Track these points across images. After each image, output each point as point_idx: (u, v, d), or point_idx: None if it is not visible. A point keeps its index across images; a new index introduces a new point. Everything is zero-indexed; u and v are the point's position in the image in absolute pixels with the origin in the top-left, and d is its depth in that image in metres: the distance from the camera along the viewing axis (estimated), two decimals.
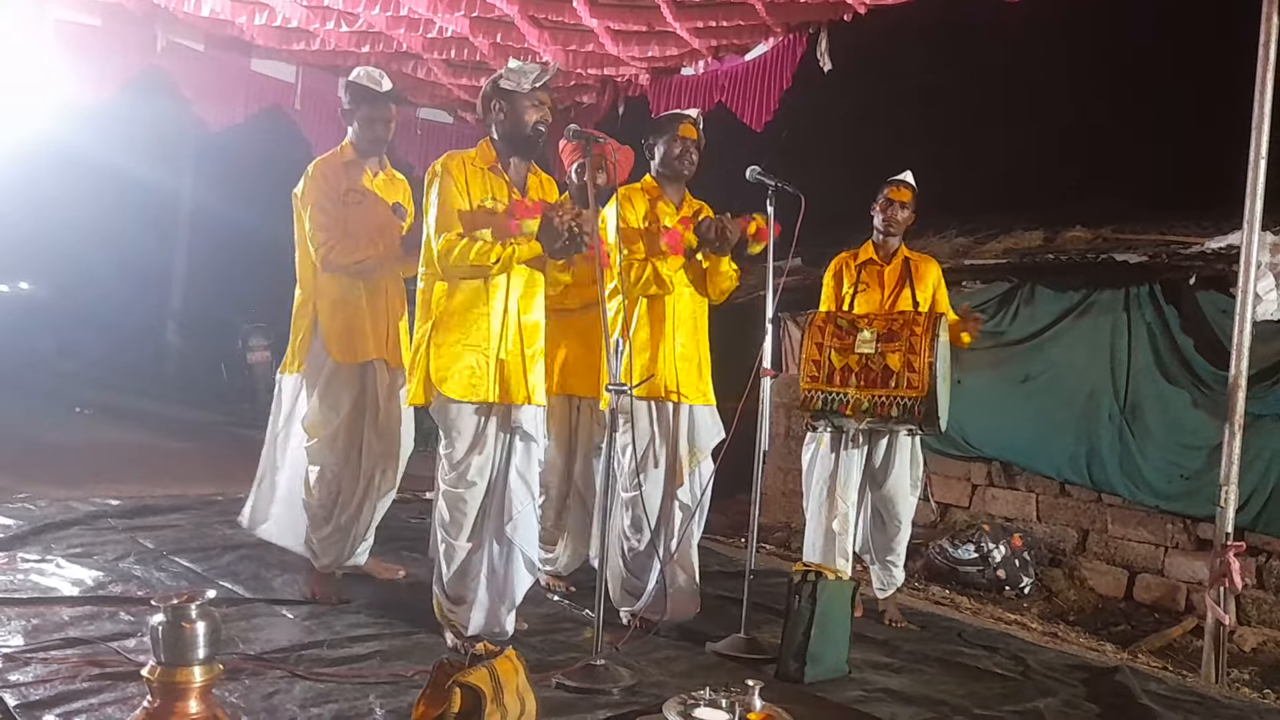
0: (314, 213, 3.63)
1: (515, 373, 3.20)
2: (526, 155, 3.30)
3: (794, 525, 6.36)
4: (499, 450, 3.22)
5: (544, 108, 3.21)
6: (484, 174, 3.23)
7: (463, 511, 3.18)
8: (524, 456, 3.23)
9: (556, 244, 3.07)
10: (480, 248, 3.06)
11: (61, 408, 10.04)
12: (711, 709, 2.65)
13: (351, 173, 3.72)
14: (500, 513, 3.20)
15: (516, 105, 3.18)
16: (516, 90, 3.17)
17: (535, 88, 3.16)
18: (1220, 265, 4.97)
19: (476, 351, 3.15)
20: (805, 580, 3.26)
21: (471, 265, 3.07)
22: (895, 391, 3.65)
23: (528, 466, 3.24)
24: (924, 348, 3.61)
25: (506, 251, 3.08)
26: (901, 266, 4.04)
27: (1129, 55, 7.23)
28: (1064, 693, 3.33)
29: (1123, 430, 5.34)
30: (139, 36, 5.01)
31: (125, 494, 5.33)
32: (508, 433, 3.22)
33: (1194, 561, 5.11)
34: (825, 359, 3.80)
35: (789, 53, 4.74)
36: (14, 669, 2.70)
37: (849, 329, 3.79)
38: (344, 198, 3.66)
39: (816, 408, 3.82)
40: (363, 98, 3.68)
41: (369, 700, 2.68)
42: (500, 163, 3.26)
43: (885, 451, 3.94)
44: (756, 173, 3.58)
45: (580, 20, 4.74)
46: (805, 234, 3.56)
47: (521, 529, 3.21)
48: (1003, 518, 5.92)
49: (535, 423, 3.26)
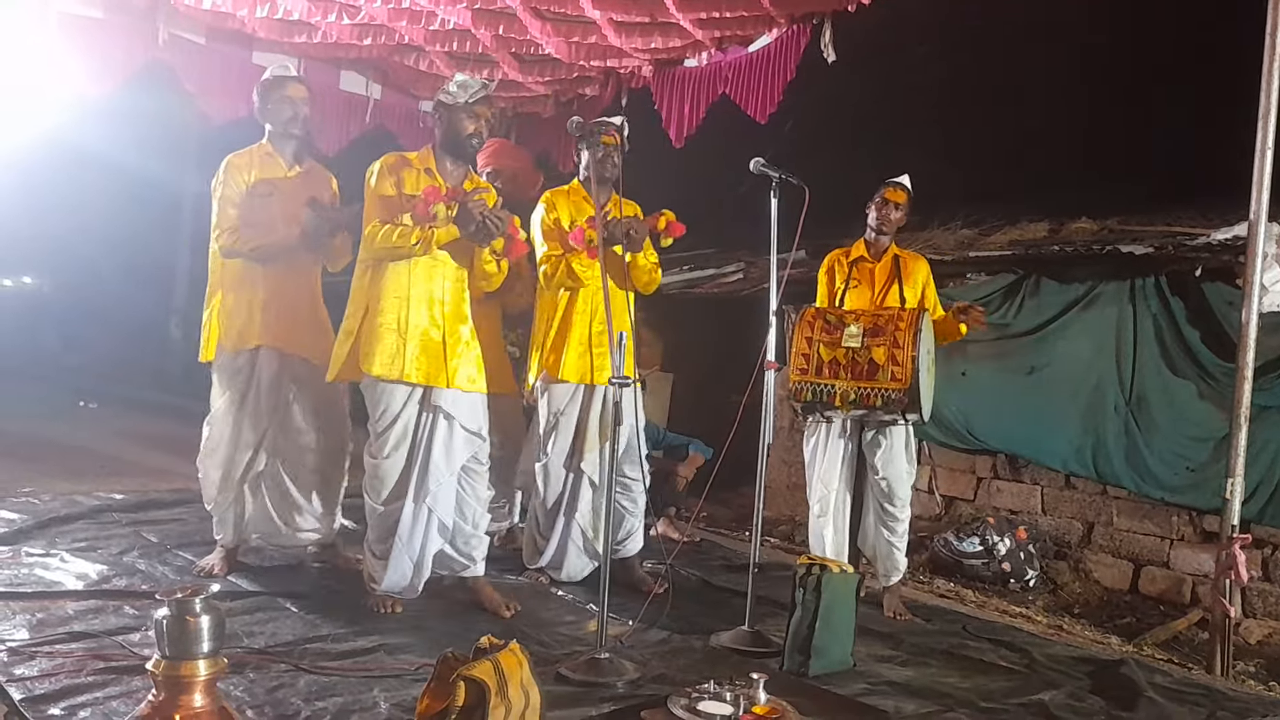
0: (218, 202, 3.76)
1: (436, 356, 3.49)
2: (462, 161, 3.61)
3: (798, 518, 6.36)
4: (422, 428, 3.50)
5: (480, 120, 3.54)
6: (420, 174, 3.53)
7: (380, 479, 3.51)
8: (445, 434, 3.51)
9: (470, 228, 3.34)
10: (401, 230, 3.37)
11: (66, 402, 10.06)
12: (716, 702, 2.65)
13: (265, 165, 3.80)
14: (423, 484, 3.49)
15: (454, 116, 3.51)
16: (454, 103, 3.50)
17: (471, 102, 3.49)
18: (1226, 256, 4.94)
19: (397, 333, 3.45)
20: (810, 573, 3.26)
21: (394, 246, 3.38)
22: (880, 384, 3.81)
23: (449, 444, 3.52)
24: (907, 342, 3.77)
25: (425, 234, 3.36)
26: (891, 264, 4.17)
27: (1136, 45, 7.19)
28: (1069, 685, 3.33)
29: (1128, 422, 5.31)
30: (141, 30, 5.00)
31: (129, 488, 5.34)
32: (430, 412, 3.50)
33: (1200, 554, 5.09)
34: (814, 352, 3.95)
35: (793, 44, 4.71)
36: (19, 663, 2.71)
37: (837, 324, 3.95)
38: (252, 189, 3.75)
39: (806, 399, 3.99)
40: (275, 86, 3.79)
41: (373, 694, 2.69)
42: (438, 166, 3.56)
43: (879, 438, 4.02)
44: (760, 164, 3.63)
45: (583, 12, 4.72)
46: (809, 226, 3.56)
47: (440, 501, 3.52)
48: (1008, 510, 5.91)
49: (456, 404, 3.51)
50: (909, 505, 4.09)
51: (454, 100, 3.49)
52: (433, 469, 3.50)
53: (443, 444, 3.51)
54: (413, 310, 3.46)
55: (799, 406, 4.12)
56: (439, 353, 3.49)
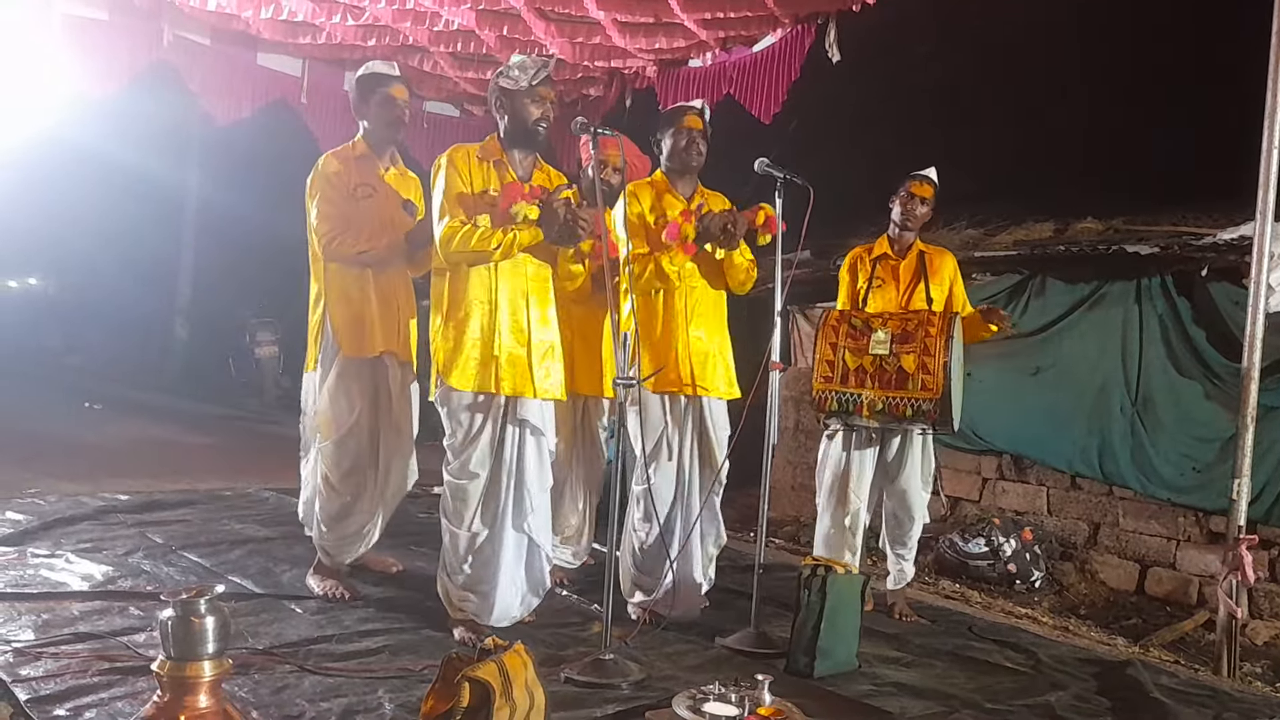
0: (320, 204, 3.60)
1: (520, 366, 3.22)
2: (530, 149, 3.35)
3: (803, 519, 6.35)
4: (509, 443, 3.24)
5: (545, 103, 3.27)
6: (488, 167, 3.28)
7: (464, 501, 3.22)
8: (535, 449, 3.27)
9: (554, 230, 3.11)
10: (481, 233, 3.09)
11: (70, 402, 10.08)
12: (721, 703, 2.64)
13: (363, 167, 3.68)
14: (518, 504, 3.25)
15: (517, 102, 3.24)
16: (516, 88, 3.22)
17: (535, 84, 3.22)
18: (1233, 256, 4.93)
19: (480, 343, 3.19)
20: (815, 574, 3.25)
21: (473, 251, 3.11)
22: (910, 393, 3.62)
23: (539, 459, 3.28)
24: (939, 349, 3.58)
25: (508, 237, 3.10)
26: (917, 261, 4.01)
27: (1141, 43, 7.17)
28: (1075, 687, 3.32)
29: (1134, 423, 5.30)
30: (145, 31, 4.99)
31: (134, 489, 5.34)
32: (516, 426, 3.24)
33: (1206, 555, 5.08)
34: (839, 359, 3.76)
35: (797, 44, 4.70)
36: (24, 664, 2.71)
37: (863, 329, 3.75)
38: (354, 191, 3.62)
39: (831, 408, 3.79)
40: (376, 83, 3.66)
41: (378, 695, 2.68)
42: (506, 157, 3.31)
43: (899, 447, 3.93)
44: (765, 164, 3.57)
45: (587, 12, 4.71)
46: (814, 226, 3.53)
47: (538, 521, 3.28)
48: (1013, 511, 5.90)
49: (542, 417, 3.28)
50: (925, 516, 4.01)
51: (516, 85, 3.22)
52: (529, 489, 3.25)
53: (534, 461, 3.27)
54: (498, 317, 3.20)
55: (822, 416, 3.93)
56: (524, 363, 3.23)
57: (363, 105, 3.68)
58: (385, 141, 3.72)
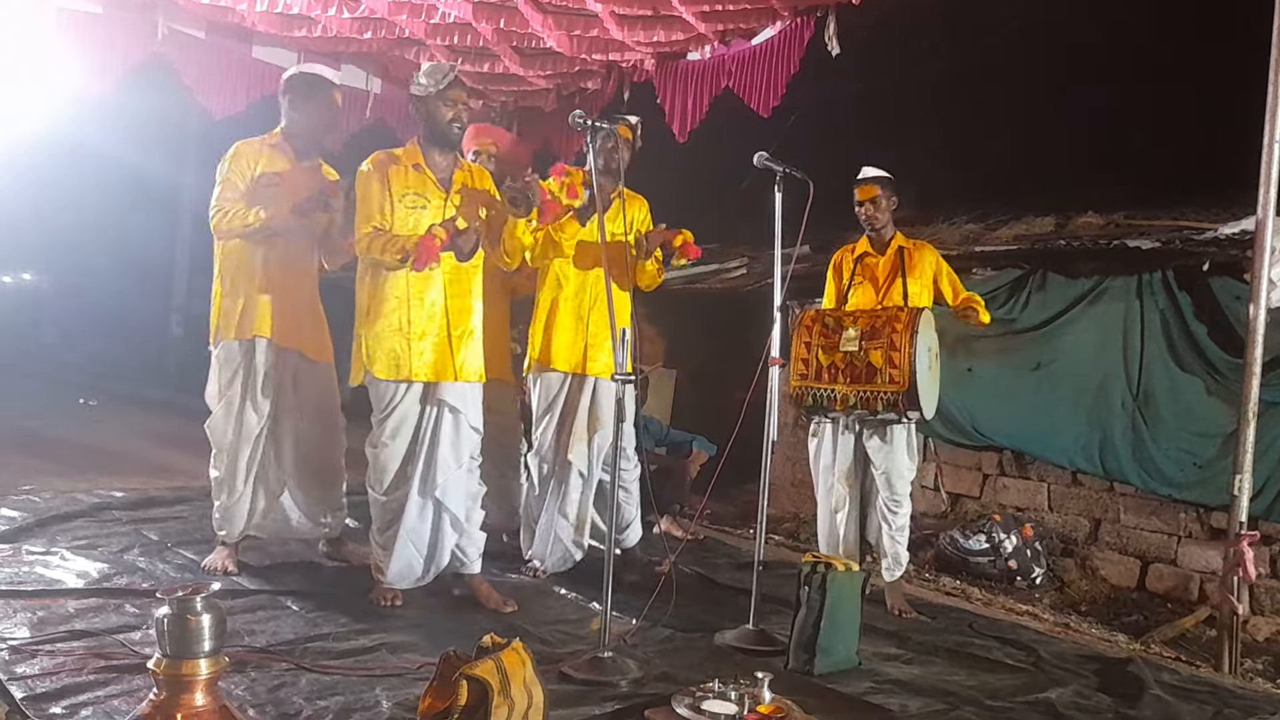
0: (221, 186, 3.72)
1: (441, 353, 3.52)
2: (449, 149, 3.61)
3: (803, 516, 6.33)
4: (426, 420, 3.54)
5: (457, 105, 3.52)
6: (408, 171, 3.53)
7: (381, 468, 3.55)
8: (451, 427, 3.54)
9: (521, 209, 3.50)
10: (386, 240, 3.40)
11: (65, 399, 10.05)
12: (720, 701, 2.63)
13: (274, 157, 3.76)
14: (427, 474, 3.53)
15: (431, 106, 3.51)
16: (427, 93, 3.49)
17: (444, 88, 3.48)
18: (1234, 251, 4.90)
19: (400, 336, 3.49)
20: (815, 571, 3.24)
21: (381, 260, 3.42)
22: (879, 387, 3.83)
23: (456, 436, 3.56)
24: (904, 344, 3.76)
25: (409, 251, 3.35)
26: (895, 258, 4.13)
27: (1142, 38, 7.14)
28: (1076, 683, 3.31)
29: (1135, 418, 5.28)
30: (140, 24, 4.98)
31: (129, 486, 5.32)
32: (434, 406, 3.54)
33: (1207, 551, 5.06)
34: (813, 357, 3.97)
35: (797, 37, 4.68)
36: (20, 661, 2.70)
37: (835, 327, 3.96)
38: (258, 179, 3.70)
39: (808, 404, 4.02)
40: (321, 86, 3.78)
41: (375, 693, 2.66)
42: (425, 160, 3.56)
43: (880, 434, 4.02)
44: (764, 158, 3.60)
45: (584, 5, 4.69)
46: (813, 221, 3.53)
47: (450, 494, 3.55)
48: (1014, 508, 5.87)
49: (462, 398, 3.56)
50: (909, 500, 4.10)
51: (426, 91, 3.49)
52: (440, 462, 3.53)
53: (449, 437, 3.54)
54: (413, 310, 3.49)
55: (802, 410, 4.17)
56: (444, 349, 3.53)
57: (299, 102, 3.78)
58: (313, 143, 3.83)
